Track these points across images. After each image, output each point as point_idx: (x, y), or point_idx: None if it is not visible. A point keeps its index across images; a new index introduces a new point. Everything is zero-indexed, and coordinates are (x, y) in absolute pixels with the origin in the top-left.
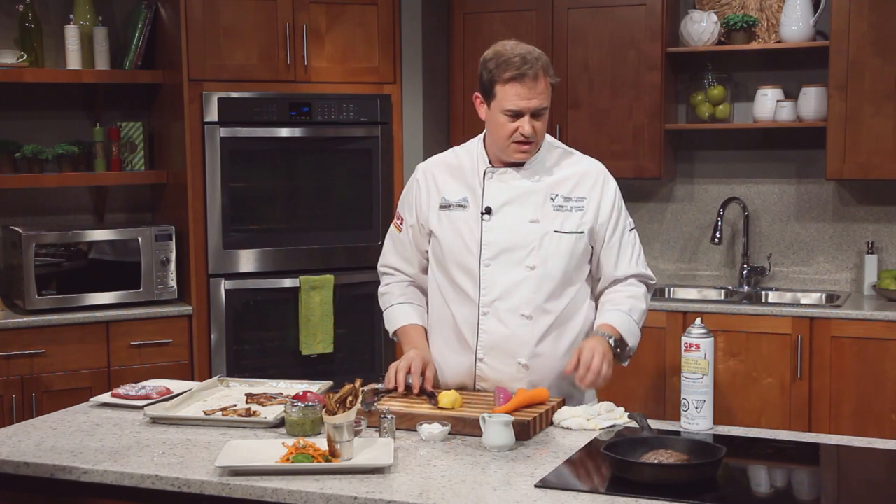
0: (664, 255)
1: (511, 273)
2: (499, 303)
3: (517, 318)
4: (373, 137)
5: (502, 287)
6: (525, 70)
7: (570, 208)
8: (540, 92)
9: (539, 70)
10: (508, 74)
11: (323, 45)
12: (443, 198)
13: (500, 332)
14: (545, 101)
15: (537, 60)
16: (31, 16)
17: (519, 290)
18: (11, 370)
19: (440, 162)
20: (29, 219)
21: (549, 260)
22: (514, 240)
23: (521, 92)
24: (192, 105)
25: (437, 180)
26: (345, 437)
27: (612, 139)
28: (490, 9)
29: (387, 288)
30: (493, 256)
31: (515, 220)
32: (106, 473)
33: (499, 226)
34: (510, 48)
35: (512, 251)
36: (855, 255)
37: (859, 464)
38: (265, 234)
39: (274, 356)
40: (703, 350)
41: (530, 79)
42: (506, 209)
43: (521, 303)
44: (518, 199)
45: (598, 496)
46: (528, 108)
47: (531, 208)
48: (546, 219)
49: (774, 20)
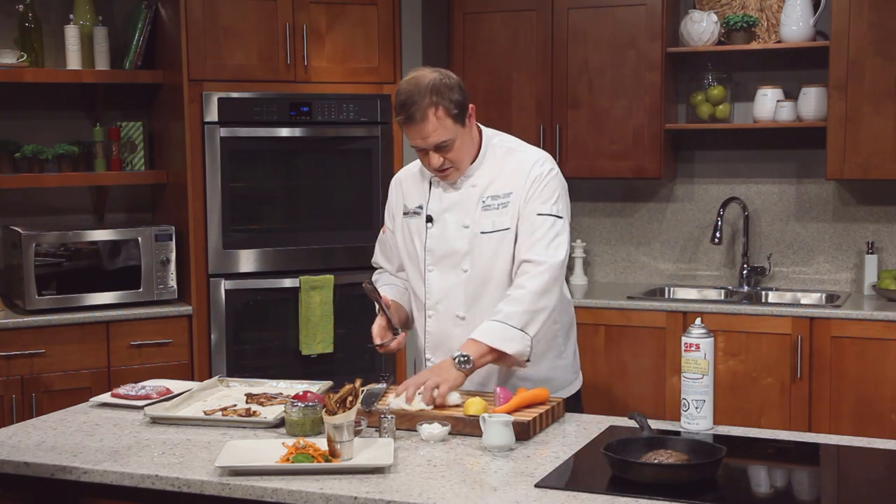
0: (664, 255)
1: (448, 277)
2: (439, 305)
3: (452, 318)
4: (373, 137)
5: (441, 290)
6: (408, 114)
7: (496, 206)
8: (431, 130)
9: (425, 109)
10: (398, 120)
11: (323, 45)
12: (405, 205)
13: (441, 333)
14: (441, 135)
15: (424, 100)
16: (31, 16)
17: (454, 293)
18: (11, 370)
19: (408, 171)
20: (29, 219)
21: (479, 261)
22: (450, 246)
23: (411, 135)
24: (192, 105)
25: (403, 188)
26: (345, 437)
27: (612, 139)
28: (490, 9)
29: (376, 276)
30: (435, 262)
31: (451, 226)
32: (106, 473)
33: (438, 233)
34: (403, 88)
35: (449, 257)
36: (855, 255)
37: (859, 464)
38: (265, 234)
39: (274, 356)
40: (703, 350)
41: (417, 122)
42: (445, 216)
43: (456, 304)
44: (454, 206)
45: (598, 496)
46: (425, 146)
47: (464, 214)
48: (476, 222)
49: (774, 20)
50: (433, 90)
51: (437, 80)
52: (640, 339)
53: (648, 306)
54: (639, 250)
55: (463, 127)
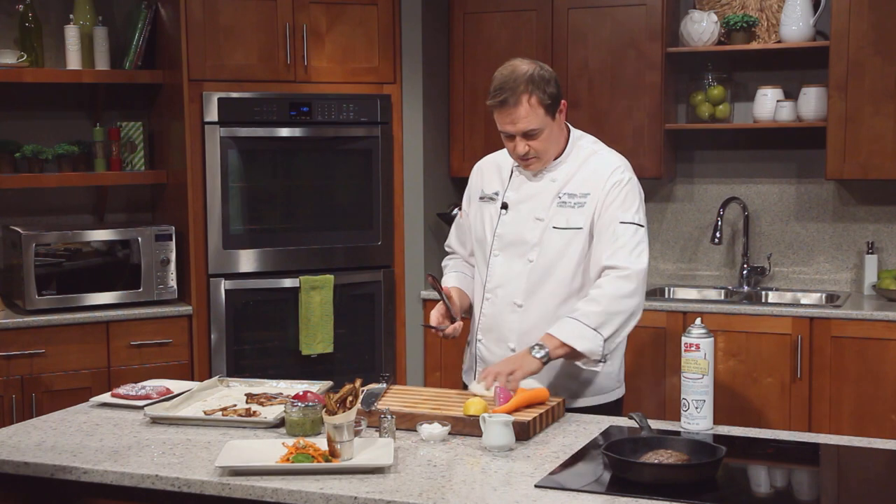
0: (664, 255)
1: (512, 264)
2: (499, 290)
3: (510, 304)
4: (373, 137)
5: (503, 276)
6: (503, 98)
7: (573, 205)
8: (522, 116)
9: (519, 95)
10: (491, 102)
11: (323, 45)
12: (482, 189)
13: (494, 317)
14: (531, 123)
15: (520, 85)
16: (31, 16)
17: (515, 281)
18: (11, 370)
19: (491, 158)
20: (29, 219)
21: (546, 255)
22: (519, 235)
23: (502, 118)
24: (192, 105)
25: (484, 174)
26: (345, 437)
27: (612, 139)
28: (490, 9)
29: (447, 261)
30: (502, 248)
31: (524, 216)
32: (106, 473)
33: (510, 221)
34: (503, 72)
35: (517, 245)
36: (855, 255)
37: (859, 464)
38: (265, 234)
39: (274, 356)
40: (703, 350)
41: (510, 106)
42: (520, 206)
43: (515, 292)
44: (530, 197)
45: (598, 496)
46: (513, 132)
47: (539, 207)
48: (550, 217)
49: (774, 20)
50: (530, 79)
51: (535, 70)
52: (641, 339)
53: (648, 306)
54: None
55: (553, 120)
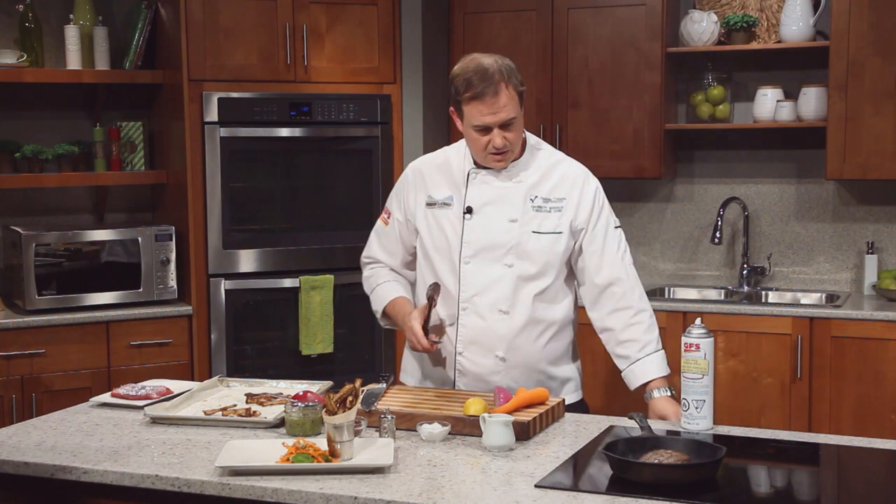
0: (664, 255)
1: (489, 270)
2: (477, 298)
3: (495, 312)
4: (373, 137)
5: (481, 283)
6: (483, 88)
7: (548, 209)
8: (503, 105)
9: (499, 84)
10: (469, 94)
11: (323, 45)
12: (429, 196)
13: (478, 327)
14: (511, 112)
15: (495, 75)
16: (31, 16)
17: (497, 286)
18: (11, 370)
19: (430, 161)
20: (29, 219)
21: (527, 258)
22: (493, 239)
23: (482, 109)
24: (192, 105)
25: (426, 179)
26: (345, 437)
27: (612, 139)
28: (490, 9)
29: (371, 272)
30: (473, 254)
31: (495, 219)
32: (106, 473)
33: (479, 225)
34: (470, 66)
35: (491, 249)
36: (855, 255)
37: (859, 464)
38: (265, 234)
39: (274, 356)
40: (703, 350)
41: (490, 95)
42: (486, 209)
43: (499, 298)
44: (498, 199)
45: (598, 496)
46: (493, 122)
47: (511, 208)
48: (525, 219)
49: (774, 20)
50: (501, 68)
51: (500, 61)
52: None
53: None
54: (639, 250)
55: (521, 110)
